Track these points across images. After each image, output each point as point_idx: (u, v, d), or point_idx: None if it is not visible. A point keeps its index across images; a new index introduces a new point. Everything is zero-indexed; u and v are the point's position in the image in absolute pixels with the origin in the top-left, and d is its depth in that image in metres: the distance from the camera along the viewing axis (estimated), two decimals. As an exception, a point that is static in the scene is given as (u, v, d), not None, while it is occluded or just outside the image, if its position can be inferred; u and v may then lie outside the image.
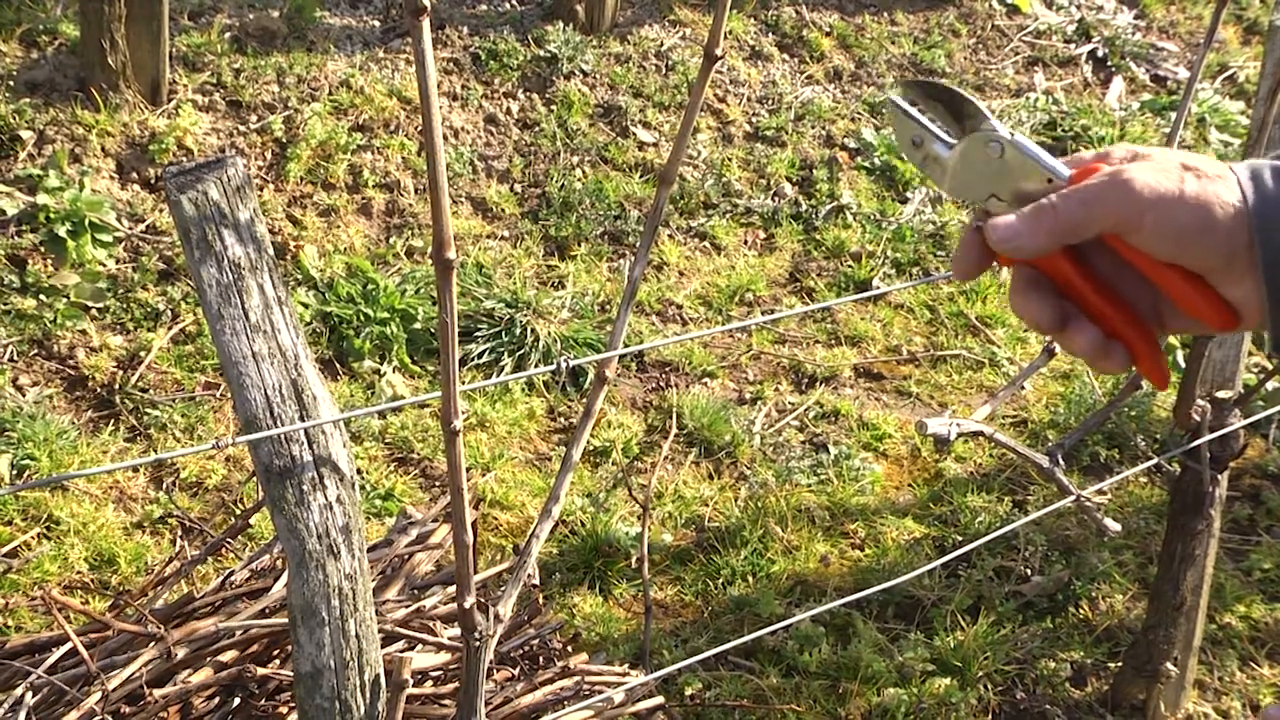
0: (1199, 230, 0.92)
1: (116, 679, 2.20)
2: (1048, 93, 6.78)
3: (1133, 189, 0.94)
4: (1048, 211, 0.96)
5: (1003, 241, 0.98)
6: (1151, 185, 0.93)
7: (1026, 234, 0.97)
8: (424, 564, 2.72)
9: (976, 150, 1.03)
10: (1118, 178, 0.95)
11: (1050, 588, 3.82)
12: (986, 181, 1.03)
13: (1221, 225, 0.92)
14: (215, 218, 1.60)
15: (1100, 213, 0.95)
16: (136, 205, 4.67)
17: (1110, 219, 0.95)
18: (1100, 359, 1.00)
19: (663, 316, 5.03)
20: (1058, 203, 0.96)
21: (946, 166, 1.06)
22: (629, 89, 5.94)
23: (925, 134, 1.07)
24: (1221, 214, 0.92)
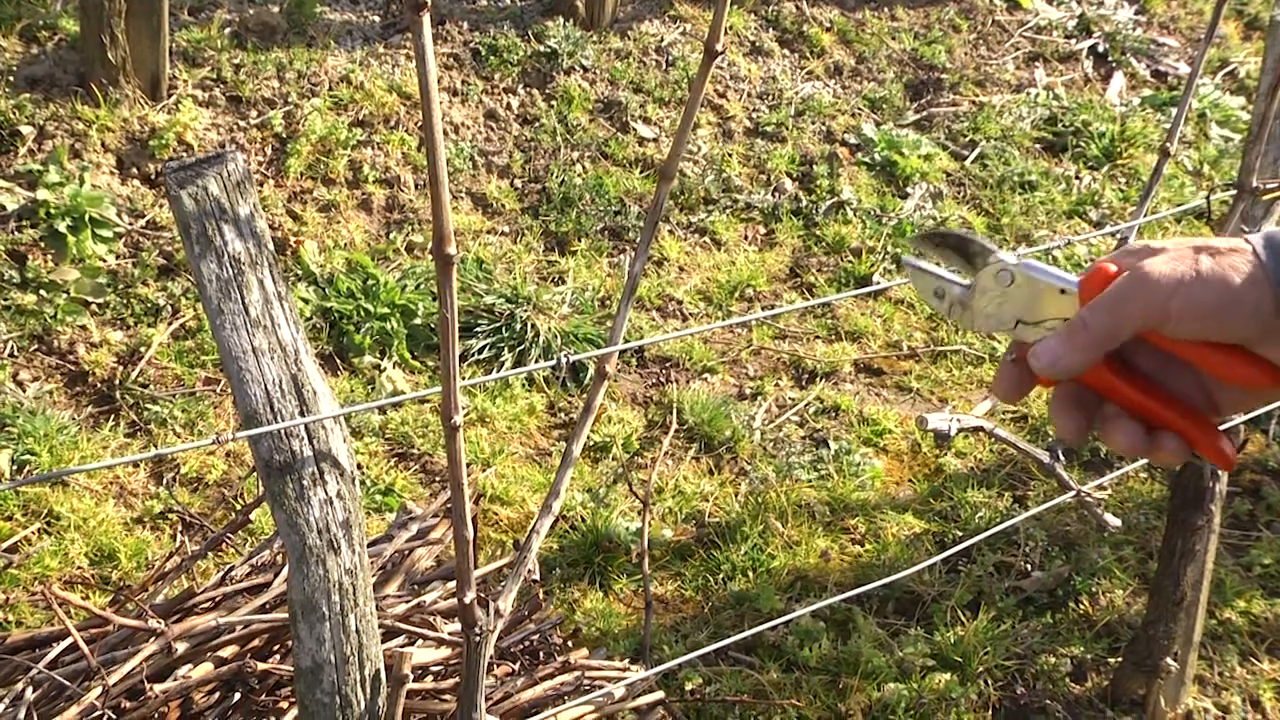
0: (1224, 305, 0.94)
1: (117, 674, 2.20)
2: (1048, 88, 6.78)
3: (1151, 281, 0.96)
4: (1080, 328, 0.99)
5: (1049, 367, 1.01)
6: (1168, 274, 0.95)
7: (1066, 354, 1.00)
8: (424, 559, 2.72)
9: (990, 283, 1.07)
10: (1135, 275, 0.97)
11: (1050, 583, 3.82)
12: (1009, 310, 1.07)
13: (1245, 295, 0.94)
14: (215, 213, 1.60)
15: (1128, 314, 0.97)
16: (137, 200, 4.67)
17: (1139, 316, 0.97)
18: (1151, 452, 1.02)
19: (663, 312, 5.03)
20: (1087, 317, 0.99)
21: (971, 307, 1.10)
22: (629, 84, 5.94)
23: (942, 284, 1.11)
24: (1242, 285, 0.94)
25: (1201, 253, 0.96)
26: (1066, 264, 5.53)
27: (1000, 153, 6.19)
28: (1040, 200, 5.95)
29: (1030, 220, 5.82)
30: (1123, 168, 6.28)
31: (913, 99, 6.52)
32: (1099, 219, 5.91)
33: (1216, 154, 6.47)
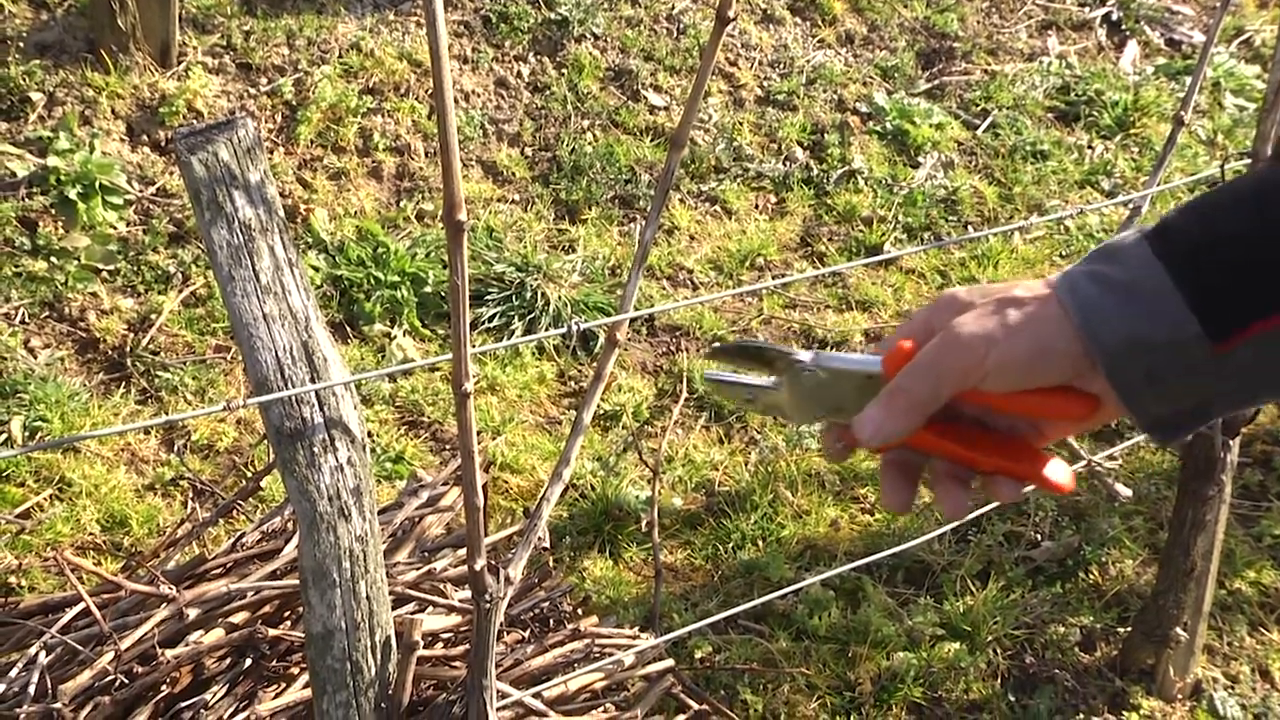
0: (1035, 356, 0.96)
1: (129, 639, 2.21)
2: (1061, 57, 6.74)
3: (963, 342, 0.97)
4: (899, 395, 1.00)
5: (872, 437, 1.01)
6: (978, 332, 0.97)
7: (887, 422, 1.00)
8: (434, 527, 2.73)
9: (796, 384, 1.07)
10: (947, 337, 0.98)
11: (1060, 553, 3.83)
12: (823, 403, 1.07)
13: (1055, 343, 0.96)
14: (226, 179, 1.60)
15: (944, 376, 0.98)
16: (147, 168, 4.66)
17: (956, 378, 0.98)
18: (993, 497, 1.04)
19: (673, 281, 5.02)
20: (904, 382, 0.99)
21: (783, 405, 1.10)
22: (640, 52, 5.91)
23: (750, 389, 1.11)
24: (1050, 333, 0.96)
25: (1007, 306, 0.98)
26: (1078, 235, 5.52)
27: (1012, 122, 6.16)
28: (1052, 170, 5.92)
29: (1042, 190, 5.79)
30: (1136, 137, 6.25)
31: (924, 67, 6.49)
32: (1111, 189, 5.88)
33: (1231, 123, 6.43)
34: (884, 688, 3.35)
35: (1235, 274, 0.92)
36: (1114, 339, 0.94)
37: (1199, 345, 0.92)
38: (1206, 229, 0.94)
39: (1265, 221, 0.92)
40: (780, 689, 3.32)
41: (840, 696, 3.32)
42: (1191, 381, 0.95)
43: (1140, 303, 0.93)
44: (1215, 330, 0.92)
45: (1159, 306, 0.93)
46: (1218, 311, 0.92)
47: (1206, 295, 0.92)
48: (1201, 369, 0.93)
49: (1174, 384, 0.95)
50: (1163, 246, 0.94)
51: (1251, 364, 0.93)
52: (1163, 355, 0.93)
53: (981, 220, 5.59)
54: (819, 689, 3.33)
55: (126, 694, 2.20)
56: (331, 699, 1.95)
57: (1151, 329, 0.93)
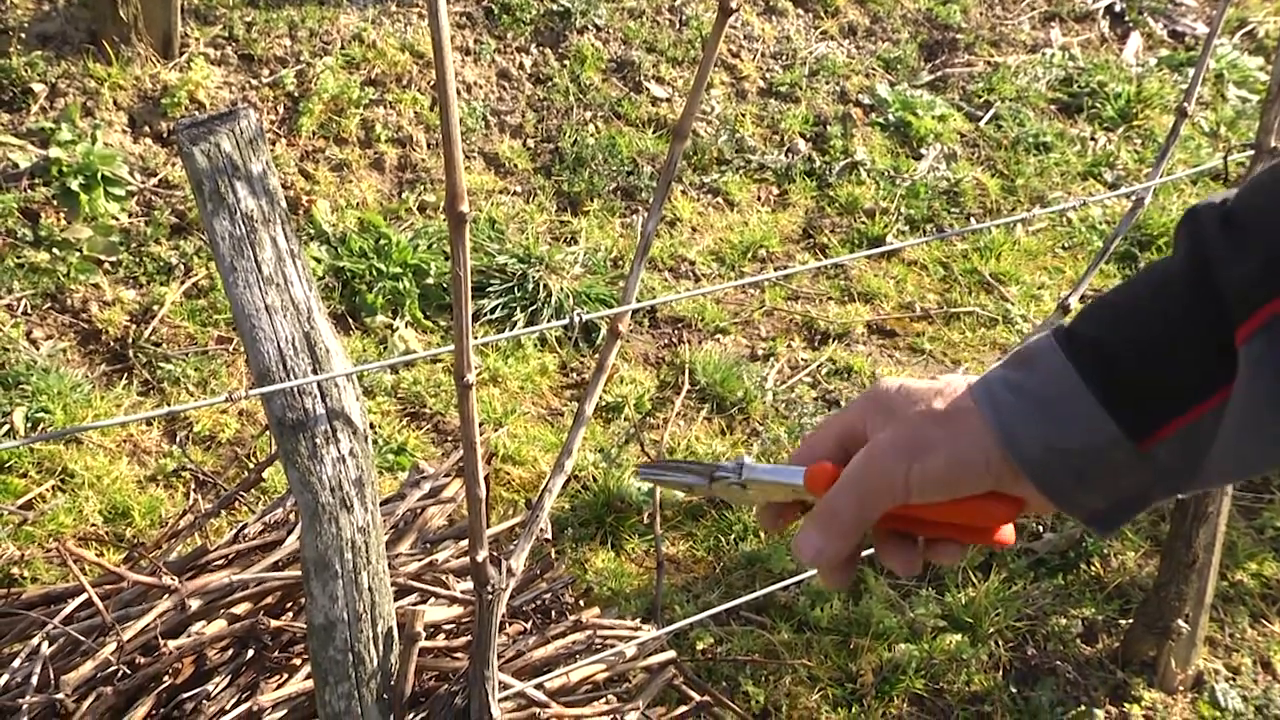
0: (956, 469, 0.96)
1: (131, 630, 2.22)
2: (1064, 48, 6.73)
3: (885, 464, 0.97)
4: (832, 519, 1.00)
5: (814, 561, 1.02)
6: (900, 450, 0.97)
7: (827, 545, 1.00)
8: (436, 518, 2.73)
9: (725, 491, 1.09)
10: (870, 459, 0.98)
11: (1062, 545, 3.82)
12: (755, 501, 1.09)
13: (974, 458, 0.95)
14: (228, 170, 1.60)
15: (872, 499, 0.98)
16: (149, 159, 4.66)
17: (884, 499, 0.98)
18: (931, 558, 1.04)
19: (675, 273, 5.02)
20: (833, 505, 1.00)
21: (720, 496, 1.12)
22: (642, 44, 5.91)
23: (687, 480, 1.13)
24: (970, 448, 0.95)
25: (929, 422, 0.97)
26: (1081, 227, 5.51)
27: (1015, 114, 6.16)
28: (1055, 162, 5.91)
29: (1045, 182, 5.79)
30: (1139, 129, 6.25)
31: (927, 59, 6.48)
32: (1114, 180, 5.87)
33: (1234, 115, 6.42)
34: (885, 679, 3.35)
35: (1146, 375, 0.92)
36: (1034, 449, 0.93)
37: (1120, 446, 0.92)
38: (1114, 331, 0.94)
39: (1168, 322, 0.91)
40: (782, 681, 3.32)
41: (842, 688, 3.32)
42: (1122, 478, 0.94)
43: (1055, 409, 0.93)
44: (1133, 431, 0.91)
45: (1074, 412, 0.92)
46: (1134, 413, 0.91)
47: (1121, 398, 0.92)
48: (1128, 467, 0.93)
49: (1104, 482, 0.94)
50: (1074, 351, 0.94)
51: (1180, 457, 0.93)
52: (1085, 459, 0.93)
53: (984, 212, 5.59)
54: (821, 681, 3.33)
55: (129, 684, 2.20)
56: (334, 690, 1.95)
57: (1069, 435, 0.92)
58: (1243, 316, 0.87)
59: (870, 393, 1.03)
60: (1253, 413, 0.88)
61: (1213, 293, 0.89)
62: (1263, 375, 0.86)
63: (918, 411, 0.98)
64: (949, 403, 0.98)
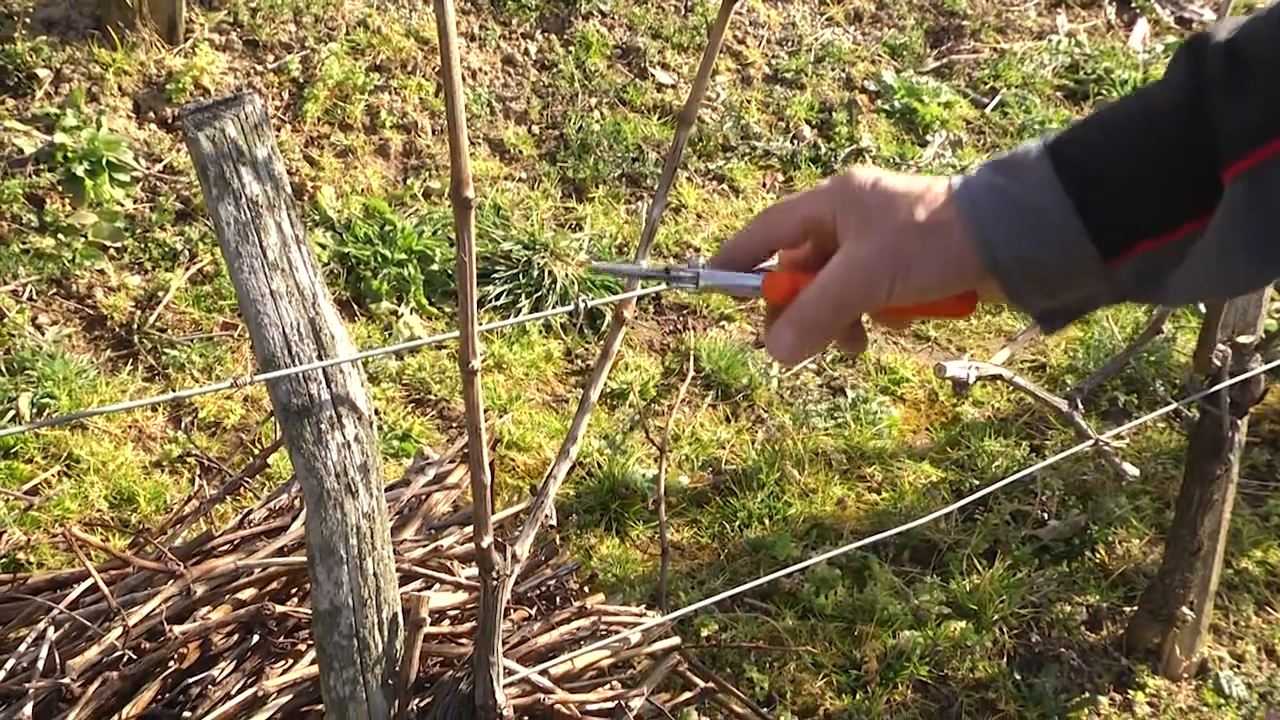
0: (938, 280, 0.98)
1: (137, 615, 2.22)
2: (1070, 35, 6.71)
3: (868, 278, 0.98)
4: (806, 323, 1.01)
5: (787, 361, 1.04)
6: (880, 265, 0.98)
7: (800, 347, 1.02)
8: (441, 504, 2.73)
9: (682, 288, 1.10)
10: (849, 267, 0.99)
11: (1067, 532, 3.83)
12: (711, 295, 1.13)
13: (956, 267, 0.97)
14: (233, 155, 1.59)
15: (849, 304, 0.99)
16: (154, 145, 4.66)
17: (862, 304, 0.99)
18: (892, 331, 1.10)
19: (680, 259, 5.02)
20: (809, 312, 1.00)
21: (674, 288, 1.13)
22: (648, 30, 5.89)
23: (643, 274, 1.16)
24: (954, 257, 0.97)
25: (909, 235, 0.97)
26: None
27: (1021, 100, 6.14)
28: (1061, 148, 5.90)
29: (1051, 168, 5.77)
30: (1145, 116, 6.22)
31: (933, 46, 6.47)
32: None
33: (1240, 102, 6.40)
34: (890, 666, 3.35)
35: (1127, 196, 0.94)
36: (1011, 260, 0.96)
37: (1090, 261, 0.95)
38: (1103, 148, 0.95)
39: (1158, 145, 0.93)
40: (786, 667, 3.32)
41: (846, 675, 3.33)
42: (1079, 288, 0.98)
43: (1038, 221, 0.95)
44: (1106, 249, 0.94)
45: (1052, 225, 0.95)
46: (1109, 231, 0.94)
47: (1099, 215, 0.94)
48: (1088, 279, 0.97)
49: (1062, 290, 0.98)
50: (1061, 163, 0.95)
51: (1140, 276, 0.96)
52: (1054, 270, 0.96)
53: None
54: (825, 667, 3.33)
55: (134, 669, 2.21)
56: (338, 675, 1.95)
57: (1045, 247, 0.95)
58: (1234, 155, 0.89)
59: (842, 186, 1.02)
60: (1224, 248, 0.91)
61: (1206, 126, 0.91)
62: (1241, 215, 0.89)
63: (899, 223, 0.98)
64: (930, 213, 0.98)
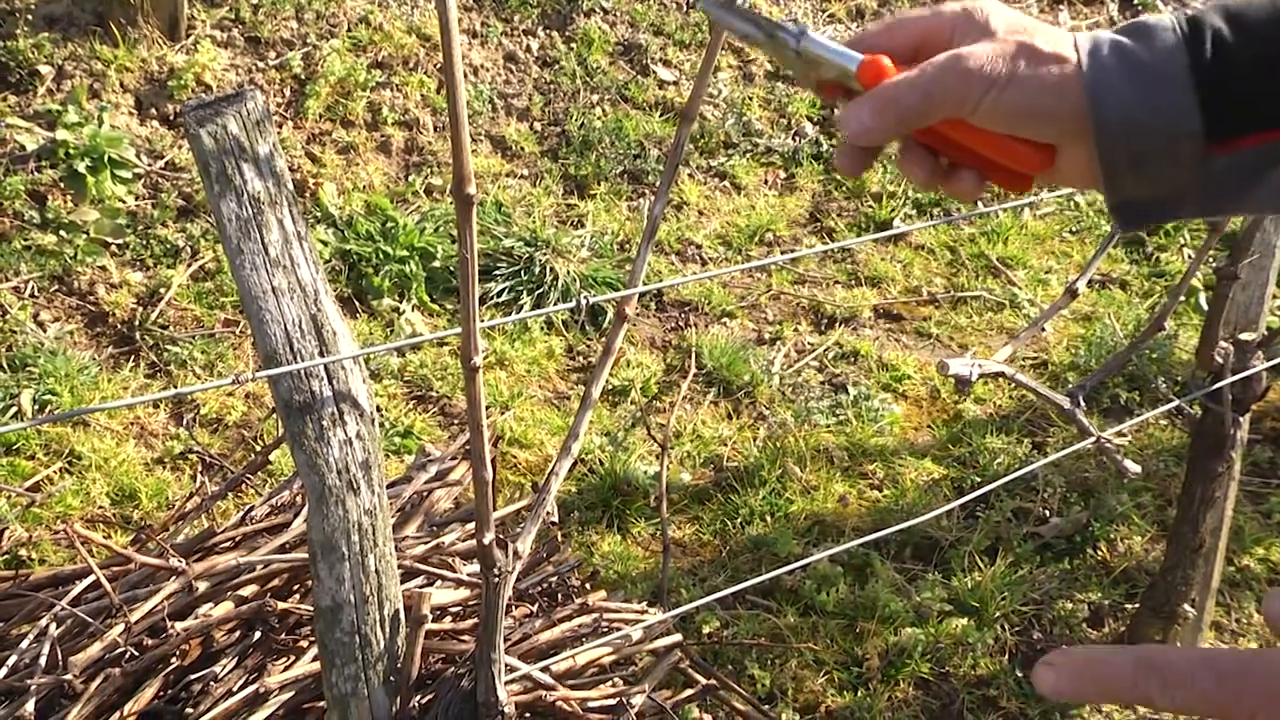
0: (1035, 111, 0.95)
1: (138, 612, 2.22)
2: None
3: (968, 76, 0.95)
4: (890, 105, 0.98)
5: (855, 137, 1.00)
6: (986, 72, 0.95)
7: (874, 127, 0.98)
8: (443, 501, 2.73)
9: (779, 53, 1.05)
10: (953, 63, 0.96)
11: (1068, 529, 3.82)
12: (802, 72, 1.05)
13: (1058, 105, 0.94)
14: (235, 151, 1.59)
15: (938, 100, 0.96)
16: (155, 141, 4.66)
17: (949, 106, 0.96)
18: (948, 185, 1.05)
19: (682, 256, 5.01)
20: (896, 93, 0.97)
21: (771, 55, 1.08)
22: (649, 27, 5.89)
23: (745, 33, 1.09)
24: (1059, 95, 0.94)
25: (1022, 56, 0.95)
26: (1088, 211, 5.50)
27: (1023, 97, 6.13)
28: (1063, 145, 5.89)
29: (1053, 165, 5.77)
30: (1147, 113, 6.22)
31: (935, 42, 6.46)
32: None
33: (1242, 99, 6.40)
34: (891, 663, 3.35)
35: (1253, 81, 0.92)
36: (1116, 115, 0.93)
37: (1193, 141, 0.92)
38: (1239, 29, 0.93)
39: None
40: (788, 664, 3.32)
41: (848, 672, 3.33)
42: (1172, 174, 0.95)
43: (1154, 85, 0.93)
44: (1214, 130, 0.92)
45: (1168, 92, 0.92)
46: (1224, 114, 0.92)
47: (1219, 94, 0.92)
48: (1185, 164, 0.94)
49: (1155, 172, 0.95)
50: (1193, 35, 0.93)
51: (1226, 174, 0.94)
52: (1156, 142, 0.93)
53: (991, 196, 5.57)
54: (826, 664, 3.33)
55: (136, 666, 2.21)
56: (340, 672, 1.96)
57: (1156, 114, 0.92)
58: None
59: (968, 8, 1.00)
60: None
61: None
62: None
63: (1019, 41, 0.96)
64: (1052, 44, 0.96)
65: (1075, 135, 0.95)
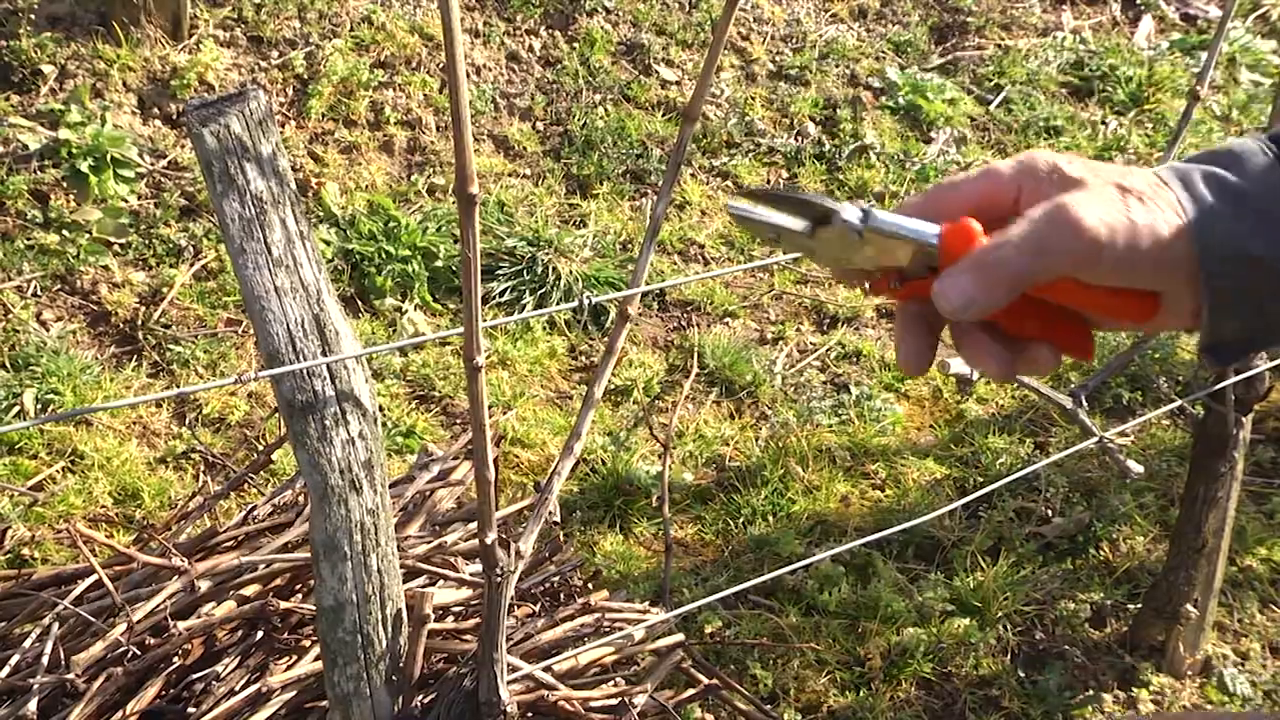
0: (1156, 259, 0.88)
1: (141, 611, 2.22)
2: (1075, 32, 6.70)
3: (1084, 228, 0.87)
4: (996, 267, 0.89)
5: (960, 310, 0.90)
6: (1104, 220, 0.88)
7: (980, 295, 0.90)
8: (445, 501, 2.73)
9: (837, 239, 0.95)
10: (1062, 218, 0.88)
11: (1071, 529, 3.82)
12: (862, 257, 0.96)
13: (1175, 250, 0.88)
14: (237, 151, 1.59)
15: (1054, 259, 0.88)
16: (158, 141, 4.66)
17: (1066, 264, 0.89)
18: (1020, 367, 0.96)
19: (684, 256, 5.01)
20: (1007, 256, 0.89)
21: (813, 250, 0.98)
22: (652, 26, 5.89)
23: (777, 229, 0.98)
24: (1170, 239, 0.88)
25: (1129, 195, 0.89)
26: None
27: (1025, 97, 6.14)
28: (1066, 145, 5.89)
29: (1055, 165, 5.76)
30: (1150, 113, 6.22)
31: (937, 42, 6.46)
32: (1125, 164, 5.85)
33: (1246, 99, 6.39)
34: (894, 663, 3.35)
35: None
36: (1225, 250, 0.87)
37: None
38: None
39: None
40: (790, 664, 3.32)
41: (850, 672, 3.33)
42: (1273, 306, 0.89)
43: (1256, 214, 0.88)
44: None
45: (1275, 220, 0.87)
46: None
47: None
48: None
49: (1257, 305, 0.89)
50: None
51: None
52: (1264, 273, 0.87)
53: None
54: (829, 664, 3.33)
55: (139, 665, 2.21)
56: (342, 671, 1.96)
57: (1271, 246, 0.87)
58: None
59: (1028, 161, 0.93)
60: None
61: None
62: None
63: (1118, 184, 0.90)
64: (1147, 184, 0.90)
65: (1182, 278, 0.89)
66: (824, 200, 0.94)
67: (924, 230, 0.92)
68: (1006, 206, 0.93)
